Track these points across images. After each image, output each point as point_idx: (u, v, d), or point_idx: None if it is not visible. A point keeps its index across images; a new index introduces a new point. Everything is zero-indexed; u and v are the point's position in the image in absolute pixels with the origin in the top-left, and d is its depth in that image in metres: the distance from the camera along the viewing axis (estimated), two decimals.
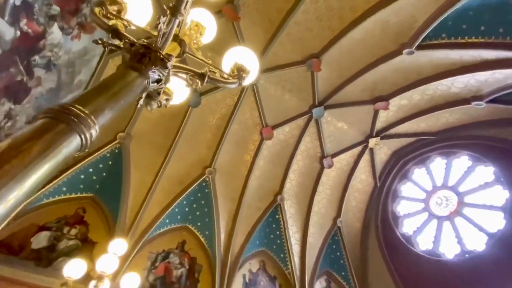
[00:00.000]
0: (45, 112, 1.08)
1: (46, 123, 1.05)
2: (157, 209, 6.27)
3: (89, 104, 1.19)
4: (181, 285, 5.62)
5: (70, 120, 1.08)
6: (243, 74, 1.56)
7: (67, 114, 1.09)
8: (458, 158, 7.31)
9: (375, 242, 8.09)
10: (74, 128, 1.09)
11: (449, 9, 3.86)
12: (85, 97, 1.26)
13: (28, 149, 0.91)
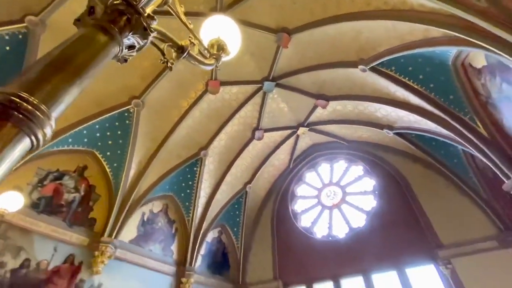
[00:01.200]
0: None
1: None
2: (60, 123, 5.32)
3: (40, 89, 0.86)
4: (70, 209, 5.19)
5: (17, 119, 0.79)
6: (222, 54, 1.40)
7: (11, 109, 0.79)
8: (337, 162, 9.20)
9: (270, 211, 9.39)
10: (23, 129, 0.81)
11: (407, 51, 4.37)
12: (33, 77, 0.87)
13: None
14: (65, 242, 4.85)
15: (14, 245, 4.27)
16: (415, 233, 6.31)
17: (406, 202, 6.88)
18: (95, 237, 5.26)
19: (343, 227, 7.82)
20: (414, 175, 7.16)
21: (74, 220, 5.15)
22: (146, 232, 6.37)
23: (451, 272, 5.33)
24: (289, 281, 7.50)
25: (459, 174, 6.03)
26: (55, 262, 4.62)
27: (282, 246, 8.29)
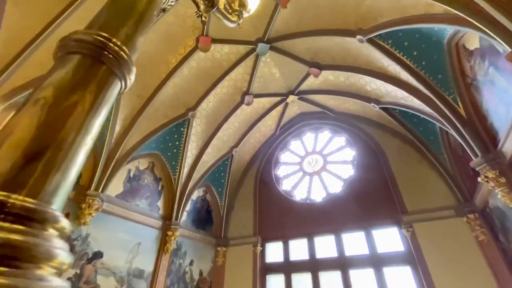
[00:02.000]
0: (77, 44, 0.89)
1: (85, 65, 0.88)
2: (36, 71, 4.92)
3: (122, 34, 1.00)
4: None
5: (111, 61, 0.90)
6: (243, 11, 1.35)
7: (105, 52, 0.90)
8: (322, 132, 9.53)
9: (253, 175, 9.76)
10: (115, 72, 0.92)
11: (407, 25, 4.32)
12: (113, 23, 1.03)
13: (81, 103, 0.84)
14: None
15: None
16: (385, 200, 6.95)
17: (381, 173, 7.41)
18: (80, 190, 5.28)
19: (321, 192, 8.38)
20: (392, 149, 7.61)
21: None
22: (132, 188, 6.47)
23: (411, 234, 6.08)
24: (267, 237, 8.17)
25: (433, 150, 6.51)
26: None
27: (263, 207, 8.83)
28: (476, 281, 5.13)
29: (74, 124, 0.84)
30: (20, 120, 0.78)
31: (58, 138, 0.78)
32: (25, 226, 0.65)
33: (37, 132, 0.75)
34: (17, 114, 0.80)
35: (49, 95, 0.82)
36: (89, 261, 5.06)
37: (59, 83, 0.87)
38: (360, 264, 6.54)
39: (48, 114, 0.79)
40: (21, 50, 4.60)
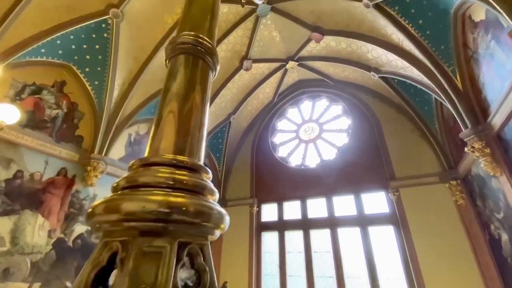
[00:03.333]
0: (181, 47, 1.24)
1: (190, 62, 1.23)
2: (29, 30, 4.67)
3: (205, 30, 1.31)
4: (54, 125, 5.12)
5: (205, 55, 1.23)
6: None
7: (200, 48, 1.23)
8: (320, 100, 9.59)
9: (250, 141, 9.97)
10: (210, 64, 1.25)
11: None
12: (198, 22, 1.37)
13: (198, 92, 1.19)
14: (55, 157, 4.98)
15: (3, 157, 4.33)
16: (375, 167, 7.36)
17: (374, 141, 7.71)
18: (84, 154, 5.42)
19: (315, 158, 8.74)
20: (387, 118, 7.81)
21: (61, 136, 5.15)
22: (134, 152, 6.63)
23: (396, 198, 6.60)
24: (263, 199, 8.70)
25: (425, 120, 6.72)
26: (49, 174, 4.84)
27: (259, 171, 9.22)
28: (451, 240, 5.76)
29: (198, 109, 1.17)
30: (167, 108, 1.14)
31: (191, 120, 1.14)
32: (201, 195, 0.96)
33: (182, 119, 1.12)
34: (165, 103, 1.16)
35: (177, 90, 1.18)
36: None
37: (181, 80, 1.21)
38: (347, 223, 7.17)
39: (181, 105, 1.14)
40: (11, 7, 4.32)
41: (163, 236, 0.79)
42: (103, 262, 0.76)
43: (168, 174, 0.91)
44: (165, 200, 0.81)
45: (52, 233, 4.65)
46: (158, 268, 0.72)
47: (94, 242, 5.30)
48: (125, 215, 0.79)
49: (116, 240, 0.77)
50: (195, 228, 0.89)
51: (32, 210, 4.48)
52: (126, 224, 0.79)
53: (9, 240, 4.18)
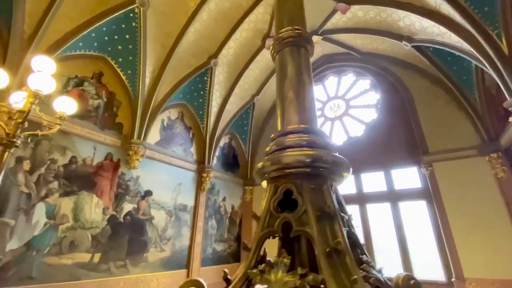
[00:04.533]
0: (285, 41, 1.60)
1: (295, 51, 1.62)
2: (68, 24, 4.99)
3: (299, 21, 1.67)
4: (98, 114, 5.57)
5: (305, 43, 1.63)
6: None
7: (301, 38, 1.59)
8: (346, 75, 9.18)
9: (275, 121, 10.01)
10: (310, 51, 1.67)
11: None
12: (292, 16, 1.71)
13: (306, 76, 1.60)
14: (101, 143, 5.47)
15: (59, 145, 4.85)
16: (406, 142, 7.14)
17: (405, 115, 7.41)
18: (125, 139, 5.88)
19: (342, 136, 8.63)
20: (419, 90, 7.40)
21: (104, 124, 5.62)
22: (167, 136, 7.04)
23: (430, 173, 6.43)
24: None
25: (464, 90, 6.28)
26: (98, 158, 5.37)
27: None
28: (489, 214, 5.58)
29: (309, 87, 1.57)
30: (287, 90, 1.59)
31: (306, 96, 1.58)
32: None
33: (300, 96, 1.57)
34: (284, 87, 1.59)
35: (291, 75, 1.55)
36: (142, 197, 5.98)
37: (291, 67, 1.56)
38: (377, 199, 7.17)
39: (297, 86, 1.55)
40: (50, 3, 4.61)
41: (317, 178, 1.22)
42: (280, 197, 1.18)
43: (303, 137, 1.32)
44: (310, 154, 1.24)
45: (106, 211, 5.25)
46: (323, 197, 1.15)
47: (140, 218, 5.89)
48: (284, 165, 1.23)
49: (289, 183, 1.18)
50: (333, 172, 1.27)
51: (88, 191, 5.06)
52: (287, 171, 1.22)
53: (71, 217, 4.80)
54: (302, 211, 1.10)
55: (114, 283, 5.12)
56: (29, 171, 4.41)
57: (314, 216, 1.07)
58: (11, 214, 4.13)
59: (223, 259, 7.91)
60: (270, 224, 1.16)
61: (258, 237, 1.15)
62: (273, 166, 1.26)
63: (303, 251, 1.14)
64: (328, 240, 1.03)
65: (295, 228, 1.08)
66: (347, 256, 1.01)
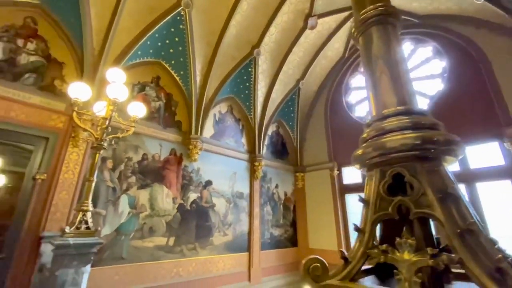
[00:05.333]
0: (371, 20, 1.53)
1: (381, 29, 1.55)
2: (127, 37, 5.58)
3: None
4: (160, 115, 6.20)
5: (392, 19, 1.60)
6: None
7: (387, 15, 1.55)
8: (402, 44, 8.09)
9: (322, 104, 9.66)
10: (397, 25, 1.64)
11: None
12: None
13: (396, 56, 1.52)
14: (165, 140, 6.10)
15: (132, 145, 5.57)
16: (483, 114, 6.16)
17: (480, 82, 6.36)
18: (185, 135, 6.43)
19: None
20: (497, 51, 6.24)
21: (166, 123, 6.23)
22: (220, 130, 7.44)
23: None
24: (343, 162, 8.57)
25: None
26: (164, 154, 6.01)
27: (335, 135, 9.00)
28: None
29: (402, 65, 1.50)
30: (378, 72, 1.52)
31: (401, 76, 1.48)
32: None
33: (394, 77, 1.48)
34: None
35: (380, 55, 1.50)
36: (204, 187, 6.53)
37: (379, 47, 1.50)
38: None
39: (388, 66, 1.47)
40: (110, 21, 5.20)
41: (430, 160, 1.18)
42: (390, 180, 1.20)
43: (404, 120, 1.27)
44: (418, 136, 1.20)
45: (175, 200, 5.91)
46: (442, 179, 1.14)
47: (204, 206, 6.45)
48: (389, 149, 1.22)
49: (398, 167, 1.18)
50: (446, 152, 1.22)
51: (159, 183, 5.75)
52: (393, 155, 1.21)
53: (148, 206, 5.53)
54: (419, 193, 1.10)
55: (187, 263, 5.78)
56: (112, 168, 5.20)
57: (437, 198, 1.06)
58: (102, 205, 4.95)
59: (281, 243, 8.19)
60: (382, 207, 1.19)
61: (371, 219, 1.20)
62: (375, 152, 1.26)
63: (418, 233, 1.15)
64: (457, 221, 1.02)
65: (414, 210, 1.09)
66: (481, 236, 1.00)
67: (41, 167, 4.41)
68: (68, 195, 4.48)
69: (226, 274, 6.41)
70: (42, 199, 4.28)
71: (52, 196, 4.33)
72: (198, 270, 5.92)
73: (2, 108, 4.18)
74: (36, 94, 4.54)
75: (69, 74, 4.99)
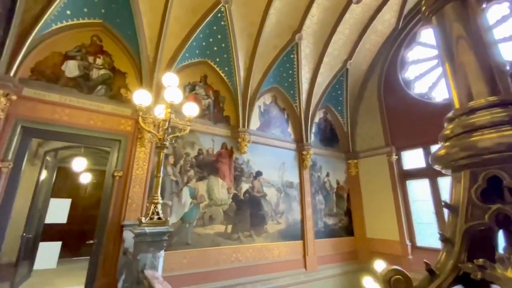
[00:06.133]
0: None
1: (462, 6, 1.25)
2: (175, 41, 5.97)
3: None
4: (210, 112, 6.55)
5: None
6: None
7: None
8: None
9: (374, 84, 8.88)
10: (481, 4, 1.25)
11: None
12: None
13: (479, 36, 1.23)
14: (216, 135, 6.44)
15: (189, 141, 6.03)
16: None
17: None
18: (233, 129, 6.68)
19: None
20: None
21: (215, 119, 6.56)
22: (265, 121, 7.51)
23: None
24: (402, 145, 7.81)
25: None
26: (216, 148, 6.37)
27: (392, 116, 8.22)
28: None
29: (490, 47, 1.20)
30: (461, 57, 1.25)
31: (490, 59, 1.18)
32: None
33: (481, 61, 1.19)
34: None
35: (460, 36, 1.24)
36: (255, 178, 6.74)
37: (458, 27, 1.24)
38: None
39: (471, 48, 1.21)
40: (160, 28, 5.62)
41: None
42: (484, 185, 1.03)
43: (499, 113, 1.06)
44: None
45: (229, 190, 6.26)
46: None
47: (256, 195, 6.67)
48: (482, 150, 1.04)
49: (495, 169, 1.00)
50: None
51: (214, 175, 6.15)
52: (487, 157, 1.03)
53: (207, 197, 5.97)
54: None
55: (245, 249, 6.12)
56: (174, 164, 5.73)
57: None
58: (168, 197, 5.52)
59: (335, 232, 8.00)
60: (475, 215, 1.05)
61: (462, 229, 1.06)
62: (464, 152, 1.09)
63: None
64: None
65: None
66: None
67: (117, 166, 5.14)
68: (141, 188, 5.14)
69: (282, 261, 6.58)
70: (121, 193, 5.01)
71: (128, 190, 5.03)
72: (255, 256, 6.22)
73: (83, 118, 4.96)
74: (107, 103, 5.24)
75: (131, 82, 5.62)
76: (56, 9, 4.75)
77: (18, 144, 4.41)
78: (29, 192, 6.22)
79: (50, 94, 4.77)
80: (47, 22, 4.73)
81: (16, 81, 4.37)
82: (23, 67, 4.58)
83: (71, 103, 4.90)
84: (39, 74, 4.75)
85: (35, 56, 4.77)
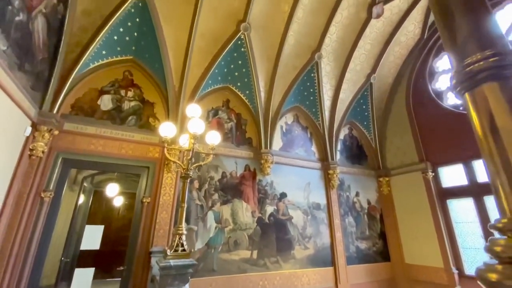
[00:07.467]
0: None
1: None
2: (198, 70, 6.28)
3: None
4: (232, 135, 6.66)
5: None
6: None
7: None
8: (501, 8, 6.44)
9: (402, 96, 8.47)
10: None
11: None
12: None
13: None
14: (239, 157, 6.48)
15: (213, 165, 6.12)
16: None
17: None
18: (256, 151, 6.68)
19: None
20: None
21: (238, 142, 6.63)
22: (288, 141, 7.43)
23: None
24: (439, 161, 7.21)
25: None
26: (240, 171, 6.38)
27: (424, 129, 7.70)
28: None
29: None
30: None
31: None
32: None
33: None
34: None
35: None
36: (279, 199, 6.58)
37: (500, 119, 1.07)
38: None
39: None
40: (184, 59, 5.94)
41: None
42: None
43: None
44: None
45: (254, 214, 6.15)
46: None
47: (281, 218, 6.48)
48: None
49: None
50: None
51: (238, 198, 6.11)
52: None
53: (231, 221, 5.92)
54: None
55: (272, 276, 5.87)
56: (198, 188, 5.82)
57: None
58: (193, 222, 5.56)
59: (370, 257, 7.41)
60: None
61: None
62: None
63: None
64: None
65: None
66: None
67: (146, 192, 5.33)
68: (167, 214, 5.25)
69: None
70: (149, 219, 5.15)
71: (156, 215, 5.16)
72: (283, 284, 5.93)
73: (116, 147, 5.28)
74: (137, 132, 5.56)
75: (159, 111, 5.94)
76: (94, 50, 5.27)
77: (59, 174, 4.79)
78: (68, 216, 6.65)
79: (87, 127, 5.18)
80: (86, 62, 5.26)
81: (58, 117, 4.83)
82: (65, 104, 5.07)
83: (105, 134, 5.27)
84: (78, 109, 5.21)
85: (75, 93, 5.27)
